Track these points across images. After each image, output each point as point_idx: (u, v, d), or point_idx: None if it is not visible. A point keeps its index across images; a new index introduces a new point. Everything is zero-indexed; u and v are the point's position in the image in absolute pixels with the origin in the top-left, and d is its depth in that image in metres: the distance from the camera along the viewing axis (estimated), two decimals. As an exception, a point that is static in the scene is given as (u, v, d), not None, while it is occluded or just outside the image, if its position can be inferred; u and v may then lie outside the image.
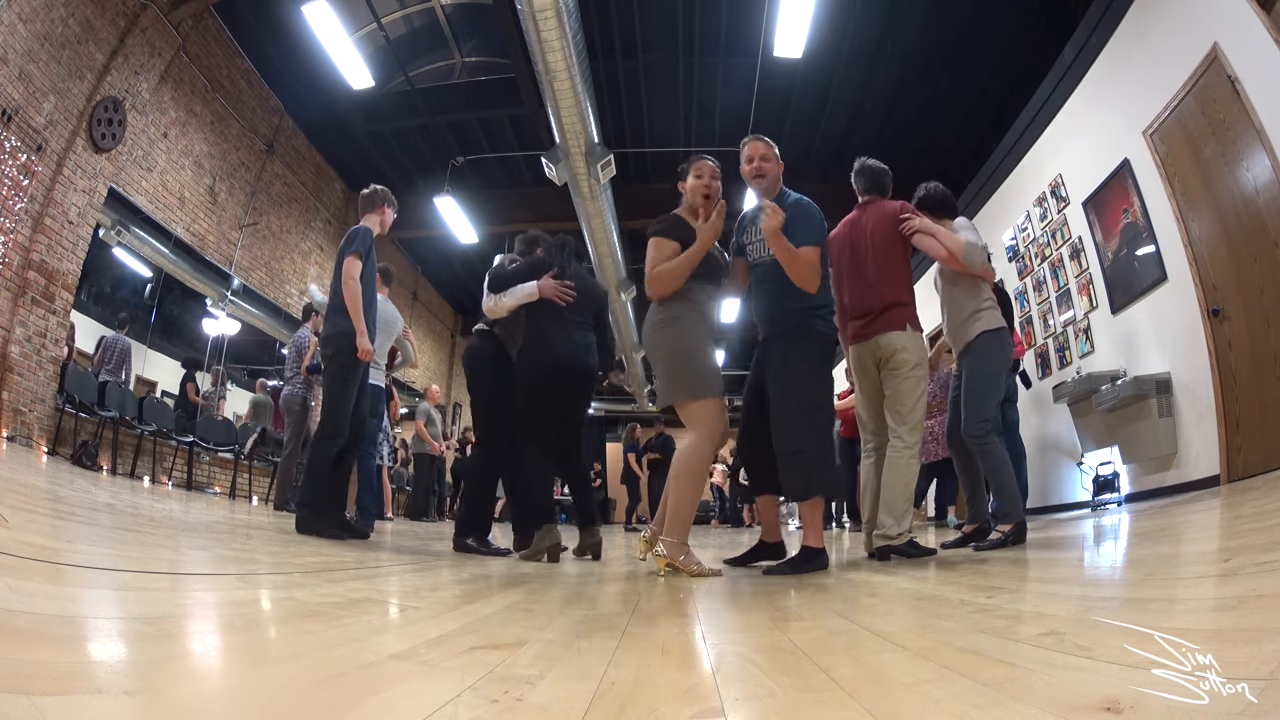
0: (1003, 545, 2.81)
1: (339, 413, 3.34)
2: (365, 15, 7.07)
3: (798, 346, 2.42)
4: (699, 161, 2.55)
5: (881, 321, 2.69)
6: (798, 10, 5.40)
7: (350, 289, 3.32)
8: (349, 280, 3.33)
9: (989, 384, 2.95)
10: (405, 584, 1.89)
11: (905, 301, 2.72)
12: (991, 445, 2.92)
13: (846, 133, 8.63)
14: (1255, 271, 3.55)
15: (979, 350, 2.98)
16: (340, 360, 3.35)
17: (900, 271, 2.78)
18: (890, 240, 2.78)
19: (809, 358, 2.41)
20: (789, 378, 2.41)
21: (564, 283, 3.05)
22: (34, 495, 2.57)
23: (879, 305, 2.71)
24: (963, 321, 3.03)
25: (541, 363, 3.02)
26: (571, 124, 6.56)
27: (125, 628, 0.91)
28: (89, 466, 5.36)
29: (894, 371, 2.67)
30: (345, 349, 3.33)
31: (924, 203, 3.10)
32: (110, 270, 7.71)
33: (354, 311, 3.30)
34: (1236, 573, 1.33)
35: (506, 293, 3.04)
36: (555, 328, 3.04)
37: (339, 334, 3.34)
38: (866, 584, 2.00)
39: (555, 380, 3.01)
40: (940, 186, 3.16)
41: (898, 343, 2.65)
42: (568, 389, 3.07)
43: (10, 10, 4.85)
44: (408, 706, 0.66)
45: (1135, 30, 4.59)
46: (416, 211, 9.09)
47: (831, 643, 1.08)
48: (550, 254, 3.20)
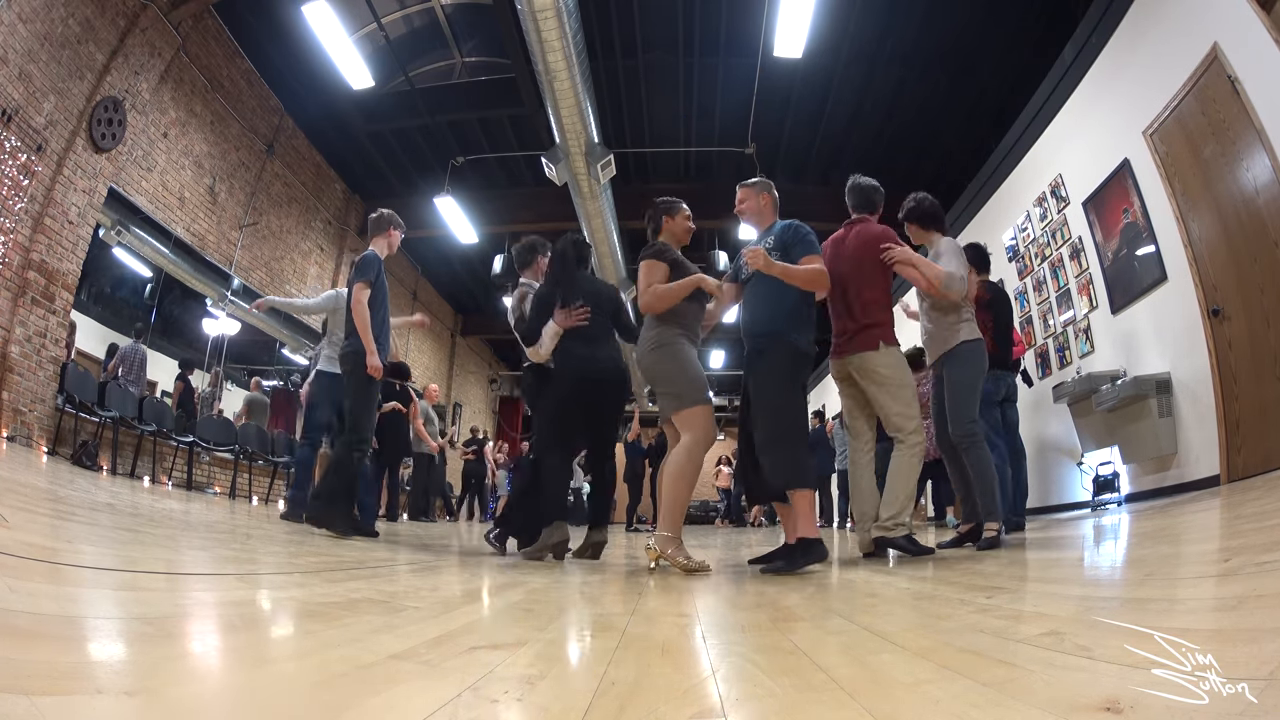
0: (997, 544, 2.87)
1: (364, 422, 3.72)
2: (365, 15, 7.07)
3: (769, 356, 2.57)
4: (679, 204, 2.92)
5: (857, 341, 2.86)
6: (798, 10, 5.40)
7: (359, 313, 3.69)
8: (358, 305, 3.70)
9: (968, 391, 3.07)
10: (405, 584, 1.89)
11: (882, 323, 2.87)
12: (978, 444, 3.01)
13: (846, 133, 8.63)
14: (1255, 271, 3.55)
15: (960, 358, 3.07)
16: (359, 375, 3.69)
17: (879, 296, 2.92)
18: (871, 265, 2.90)
19: (779, 365, 2.55)
20: (761, 383, 2.59)
21: (575, 309, 3.11)
22: (34, 495, 2.57)
23: (856, 325, 2.87)
24: (944, 330, 3.13)
25: (571, 379, 3.12)
26: (571, 124, 6.56)
27: (125, 628, 0.91)
28: (89, 466, 5.37)
29: (875, 385, 2.84)
30: (361, 365, 3.69)
31: (912, 214, 3.22)
32: (110, 270, 7.71)
33: (363, 333, 3.67)
34: (1236, 573, 1.33)
35: (540, 344, 3.18)
36: (579, 345, 3.13)
37: (355, 352, 3.72)
38: (866, 584, 2.00)
39: (584, 394, 3.11)
40: (929, 199, 3.23)
41: (873, 361, 2.82)
42: (598, 401, 3.17)
43: (10, 10, 4.85)
44: (408, 706, 0.66)
45: (1135, 30, 4.59)
46: (416, 211, 9.09)
47: (831, 643, 1.08)
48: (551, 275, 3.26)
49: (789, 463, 2.47)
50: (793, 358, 2.54)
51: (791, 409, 2.56)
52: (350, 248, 10.19)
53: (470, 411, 14.93)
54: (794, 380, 2.59)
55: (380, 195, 10.42)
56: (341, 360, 3.84)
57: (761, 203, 2.85)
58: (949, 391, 3.12)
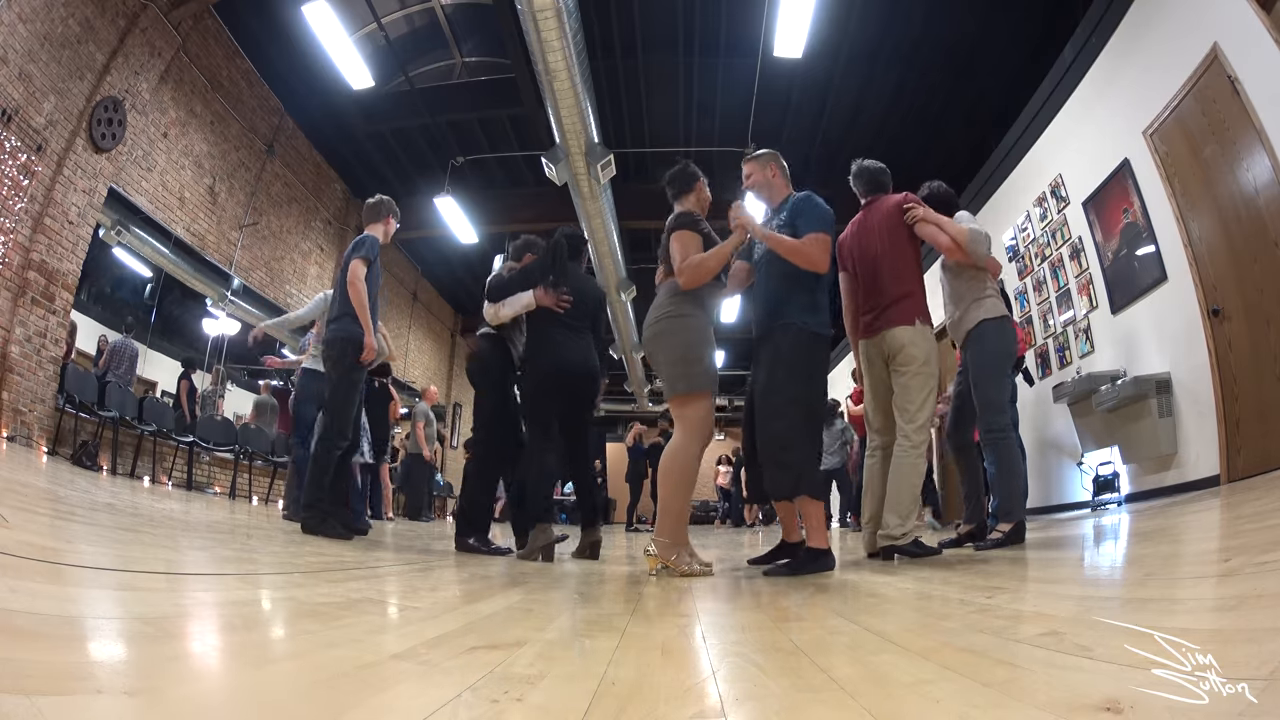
0: (1002, 545, 2.80)
1: (343, 416, 3.40)
2: (365, 15, 7.07)
3: (783, 342, 2.41)
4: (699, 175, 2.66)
5: (889, 315, 2.68)
6: (798, 10, 5.40)
7: (356, 289, 3.36)
8: (355, 281, 3.37)
9: (994, 372, 2.92)
10: (405, 584, 1.89)
11: (913, 292, 2.69)
12: (1008, 439, 2.89)
13: (846, 133, 8.62)
14: (1255, 271, 3.55)
15: (980, 337, 2.94)
16: (345, 364, 3.39)
17: (909, 262, 2.76)
18: (897, 232, 2.78)
19: (793, 353, 2.39)
20: (773, 373, 2.40)
21: (560, 292, 3.05)
22: (34, 495, 2.57)
23: (888, 298, 2.70)
24: (963, 311, 3.01)
25: (545, 368, 3.04)
26: (571, 124, 6.56)
27: (125, 628, 0.91)
28: (89, 466, 5.36)
29: (902, 368, 2.65)
30: (349, 353, 3.37)
31: (928, 200, 3.11)
32: (110, 270, 7.71)
33: (360, 310, 3.34)
34: (1236, 573, 1.33)
35: (505, 303, 3.07)
36: (556, 332, 3.06)
37: (343, 338, 3.38)
38: (867, 584, 2.00)
39: (559, 385, 3.04)
40: (943, 185, 3.17)
41: (904, 338, 2.63)
42: (572, 392, 3.10)
43: (10, 10, 4.85)
44: (408, 706, 0.66)
45: (1135, 31, 4.59)
46: (416, 211, 9.09)
47: (831, 643, 1.08)
48: (545, 259, 3.19)
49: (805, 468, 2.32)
50: (811, 344, 2.38)
51: (811, 404, 2.40)
52: (350, 248, 10.19)
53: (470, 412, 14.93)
54: (812, 370, 2.42)
55: (380, 195, 10.42)
56: (327, 345, 3.49)
57: (769, 175, 2.66)
58: (972, 376, 2.96)
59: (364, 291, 3.37)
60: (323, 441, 3.40)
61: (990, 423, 2.91)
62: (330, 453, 3.36)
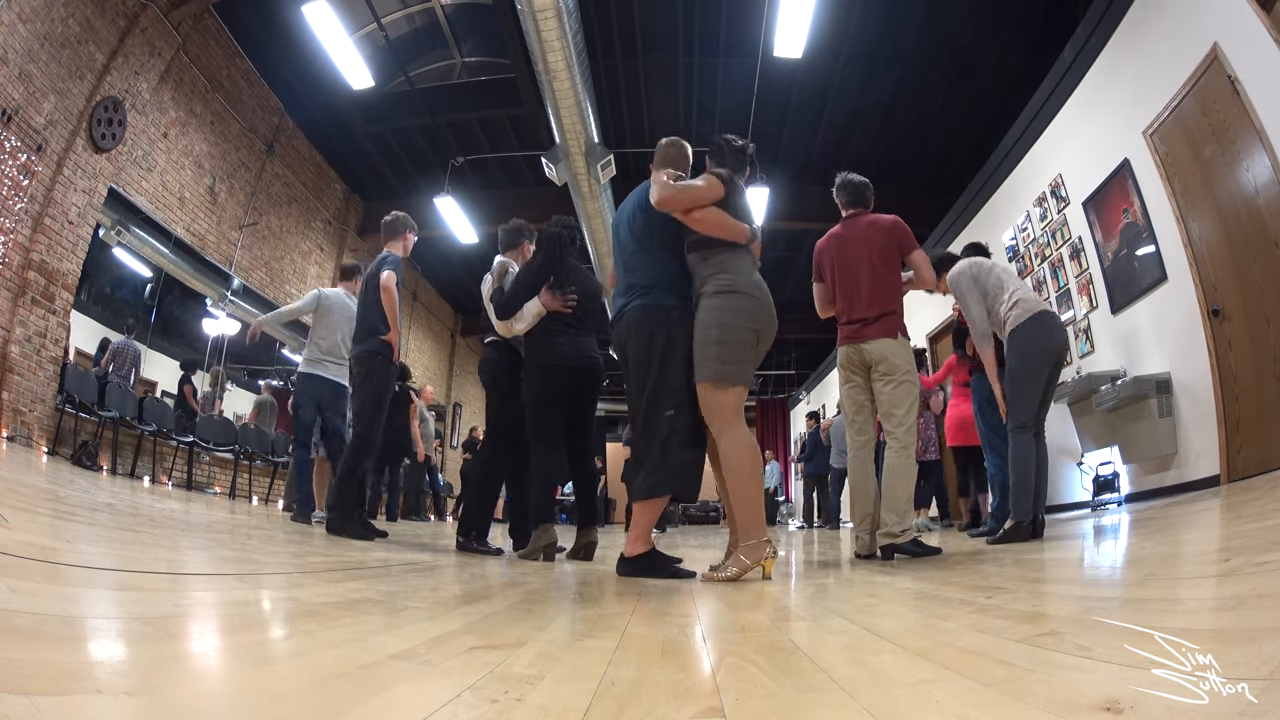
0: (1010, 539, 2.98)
1: (373, 428, 3.60)
2: (365, 15, 7.07)
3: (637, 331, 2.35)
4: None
5: (874, 328, 2.87)
6: (798, 10, 5.40)
7: (390, 295, 3.55)
8: (389, 287, 3.54)
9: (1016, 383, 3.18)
10: (405, 584, 1.89)
11: (896, 310, 2.91)
12: (1022, 435, 3.10)
13: (846, 133, 8.63)
14: (1255, 271, 3.55)
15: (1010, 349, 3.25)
16: (374, 380, 3.58)
17: (894, 282, 2.96)
18: (889, 253, 2.94)
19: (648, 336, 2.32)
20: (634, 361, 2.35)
21: (565, 294, 3.06)
22: (34, 495, 2.57)
23: (873, 313, 2.88)
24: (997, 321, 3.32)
25: (549, 368, 3.04)
26: (571, 124, 6.57)
27: (125, 628, 0.91)
28: (89, 466, 5.37)
29: (886, 377, 2.84)
30: (378, 368, 3.56)
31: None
32: (110, 270, 7.71)
33: (392, 316, 3.54)
34: (1236, 573, 1.33)
35: (518, 318, 3.06)
36: (558, 330, 3.06)
37: (371, 352, 3.56)
38: (866, 584, 2.00)
39: (563, 383, 3.04)
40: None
41: (887, 350, 2.85)
42: (577, 389, 3.10)
43: (10, 10, 4.85)
44: (408, 706, 0.66)
45: (1135, 30, 4.59)
46: (416, 212, 8.95)
47: (832, 643, 1.08)
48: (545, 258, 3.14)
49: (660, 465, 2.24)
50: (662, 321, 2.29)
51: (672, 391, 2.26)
52: (350, 247, 10.20)
53: (470, 412, 14.92)
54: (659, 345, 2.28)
55: (380, 195, 10.43)
56: (356, 361, 3.69)
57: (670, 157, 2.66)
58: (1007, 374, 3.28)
59: (397, 298, 3.57)
60: (353, 452, 3.61)
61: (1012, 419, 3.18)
62: (361, 463, 3.59)
